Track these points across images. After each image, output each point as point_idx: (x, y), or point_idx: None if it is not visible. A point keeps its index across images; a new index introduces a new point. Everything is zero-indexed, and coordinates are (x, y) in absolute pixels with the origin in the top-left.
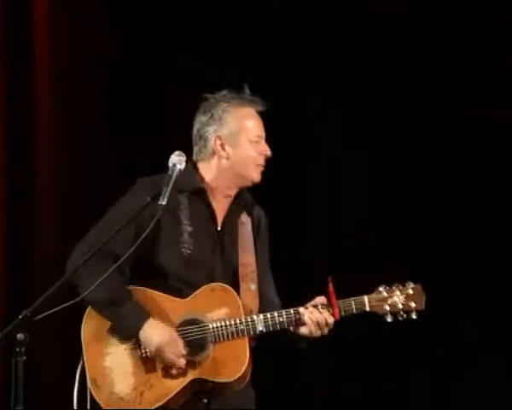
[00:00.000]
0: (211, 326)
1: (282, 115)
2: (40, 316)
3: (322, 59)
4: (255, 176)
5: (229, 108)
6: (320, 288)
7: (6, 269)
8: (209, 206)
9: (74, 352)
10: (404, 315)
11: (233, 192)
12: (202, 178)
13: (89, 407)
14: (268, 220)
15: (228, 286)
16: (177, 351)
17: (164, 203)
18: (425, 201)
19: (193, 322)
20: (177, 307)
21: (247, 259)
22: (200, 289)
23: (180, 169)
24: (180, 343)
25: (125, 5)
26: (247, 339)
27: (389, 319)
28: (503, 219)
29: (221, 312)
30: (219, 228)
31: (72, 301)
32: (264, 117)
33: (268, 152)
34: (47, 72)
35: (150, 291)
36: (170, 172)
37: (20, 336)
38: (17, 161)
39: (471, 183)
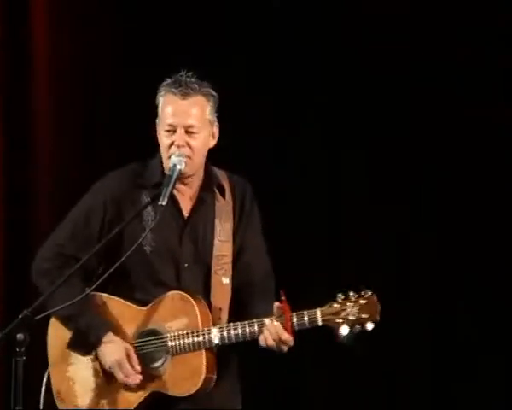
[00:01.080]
0: (169, 338)
1: (282, 115)
2: (40, 316)
3: (322, 59)
4: (169, 166)
5: (161, 95)
6: (321, 288)
7: (5, 269)
8: (171, 196)
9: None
10: (358, 327)
11: (190, 179)
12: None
13: None
14: (252, 192)
15: (187, 296)
16: (128, 371)
17: (164, 204)
18: (425, 200)
19: (151, 333)
20: (137, 316)
21: (223, 249)
22: (159, 298)
23: (180, 169)
24: (134, 361)
25: (125, 5)
26: (203, 352)
27: (344, 332)
28: (503, 219)
29: (179, 323)
30: (186, 216)
31: (72, 301)
32: (265, 117)
33: (178, 142)
34: (46, 71)
35: (112, 299)
36: (170, 173)
37: (19, 336)
38: (16, 161)
39: (471, 183)
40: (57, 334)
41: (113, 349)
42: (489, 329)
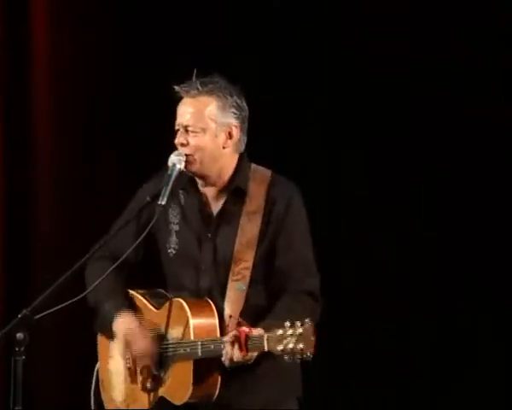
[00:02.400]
0: (171, 344)
1: (282, 115)
2: (40, 315)
3: (321, 58)
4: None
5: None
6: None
7: (5, 268)
8: (200, 194)
9: (72, 351)
10: (298, 356)
11: (208, 180)
12: None
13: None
14: (294, 197)
15: (185, 305)
16: (143, 344)
17: (163, 203)
18: (425, 200)
19: (159, 338)
20: (152, 318)
21: (243, 254)
22: (166, 304)
23: (180, 168)
24: (147, 334)
25: (125, 5)
26: (191, 362)
27: (287, 359)
28: (503, 219)
29: (176, 331)
30: (211, 218)
31: (72, 301)
32: (264, 116)
33: (176, 141)
34: (46, 71)
35: (136, 296)
36: (169, 172)
37: (19, 335)
38: (16, 161)
39: (471, 183)
40: None
41: (125, 321)
42: (489, 328)
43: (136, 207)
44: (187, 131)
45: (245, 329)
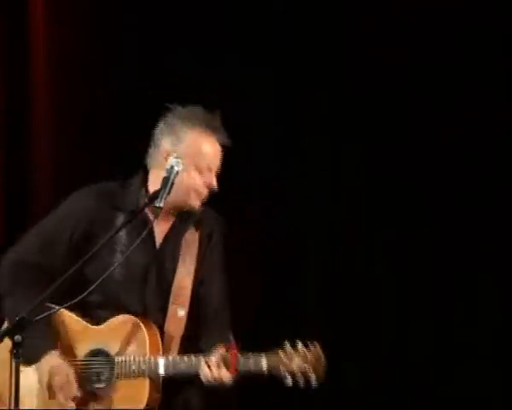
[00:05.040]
0: (116, 360)
1: (282, 114)
2: (39, 317)
3: (321, 58)
4: (195, 204)
5: (194, 130)
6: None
7: None
8: (145, 223)
9: None
10: (302, 381)
11: (173, 212)
12: (147, 193)
13: None
14: (223, 228)
15: (139, 322)
16: (67, 394)
17: (162, 205)
18: (425, 201)
19: (100, 353)
20: (90, 334)
21: (183, 281)
22: (113, 319)
23: (178, 171)
24: (73, 387)
25: (125, 3)
26: (148, 380)
27: (289, 383)
28: (503, 220)
29: (129, 347)
30: (158, 247)
31: (69, 304)
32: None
33: (214, 187)
34: (45, 71)
35: (65, 314)
36: (167, 174)
37: (17, 337)
38: (14, 160)
39: (471, 183)
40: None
41: (55, 370)
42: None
43: (81, 213)
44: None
45: (234, 350)
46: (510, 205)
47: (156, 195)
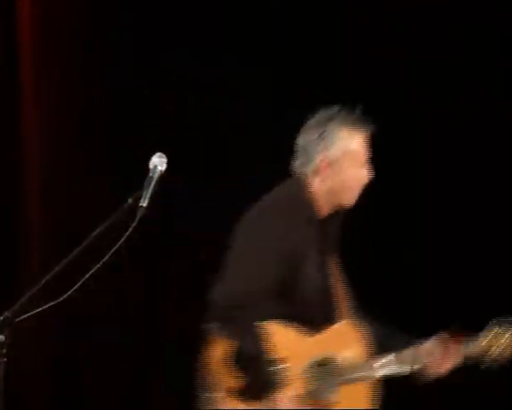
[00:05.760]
0: (341, 368)
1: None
2: (21, 318)
3: (318, 56)
4: (351, 201)
5: (341, 131)
6: None
7: None
8: (324, 229)
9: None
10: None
11: (327, 213)
12: (314, 199)
13: None
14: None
15: (352, 325)
16: None
17: (145, 205)
18: (424, 200)
19: (324, 362)
20: (309, 345)
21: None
22: (332, 326)
23: (161, 171)
24: None
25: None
26: (368, 385)
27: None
28: (501, 218)
29: (350, 352)
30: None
31: (53, 303)
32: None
33: (369, 178)
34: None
35: (282, 327)
36: (151, 174)
37: (0, 337)
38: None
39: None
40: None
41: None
42: None
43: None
44: None
45: (458, 335)
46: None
47: (140, 195)
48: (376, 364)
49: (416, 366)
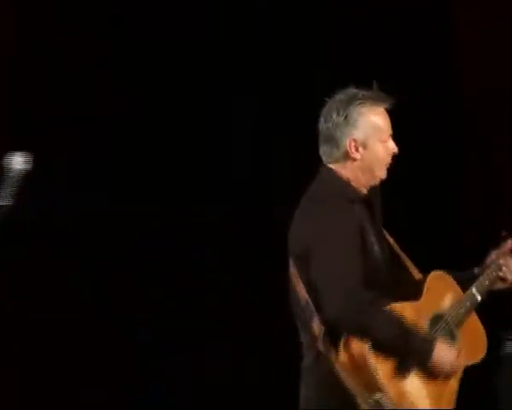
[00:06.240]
0: (450, 315)
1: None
2: None
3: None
4: (383, 175)
5: (363, 110)
6: None
7: None
8: (369, 206)
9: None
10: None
11: (365, 191)
12: (350, 180)
13: None
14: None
15: (442, 273)
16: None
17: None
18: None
19: (438, 318)
20: (418, 309)
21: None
22: (425, 287)
23: (21, 170)
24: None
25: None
26: (475, 316)
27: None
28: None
29: (449, 299)
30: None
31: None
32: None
33: (396, 149)
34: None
35: (400, 304)
36: (12, 174)
37: None
38: None
39: None
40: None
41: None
42: None
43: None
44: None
45: None
46: None
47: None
48: (473, 289)
49: (495, 286)
